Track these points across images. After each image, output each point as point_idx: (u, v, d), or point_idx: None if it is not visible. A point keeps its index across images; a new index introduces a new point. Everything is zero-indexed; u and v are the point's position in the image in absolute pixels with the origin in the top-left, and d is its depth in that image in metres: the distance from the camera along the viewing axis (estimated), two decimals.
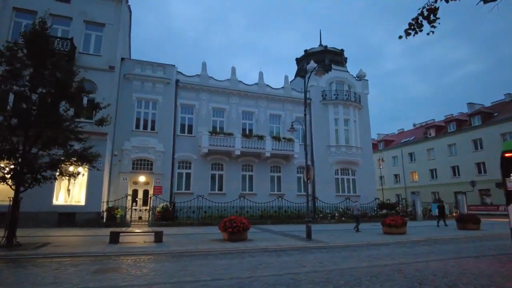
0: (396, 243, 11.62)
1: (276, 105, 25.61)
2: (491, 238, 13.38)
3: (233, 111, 24.15)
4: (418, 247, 10.53)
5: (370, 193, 25.87)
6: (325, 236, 13.42)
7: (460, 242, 11.93)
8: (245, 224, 11.68)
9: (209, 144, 21.83)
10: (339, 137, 26.42)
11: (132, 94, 21.69)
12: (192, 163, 22.44)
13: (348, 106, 26.97)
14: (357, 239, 12.40)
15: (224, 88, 24.04)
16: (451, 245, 10.99)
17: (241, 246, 10.37)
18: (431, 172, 42.40)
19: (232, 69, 24.97)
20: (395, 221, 14.27)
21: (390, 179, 48.97)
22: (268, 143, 23.27)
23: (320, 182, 25.29)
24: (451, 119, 41.16)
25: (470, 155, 37.09)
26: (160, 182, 21.26)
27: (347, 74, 28.36)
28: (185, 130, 22.88)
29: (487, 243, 11.48)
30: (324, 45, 29.75)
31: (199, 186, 22.13)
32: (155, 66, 22.83)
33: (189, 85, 23.16)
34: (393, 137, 53.34)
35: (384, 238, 13.04)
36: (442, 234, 14.53)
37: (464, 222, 16.73)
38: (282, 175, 24.73)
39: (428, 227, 18.82)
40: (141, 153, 21.17)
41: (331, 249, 10.04)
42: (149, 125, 21.89)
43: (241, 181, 23.43)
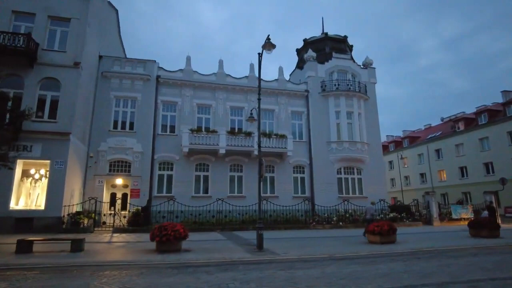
0: (373, 255, 9.10)
1: (269, 99, 23.41)
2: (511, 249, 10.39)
3: (220, 107, 22.31)
4: (398, 262, 7.98)
5: (379, 194, 22.75)
6: (288, 246, 11.12)
7: (464, 255, 9.12)
8: (177, 232, 9.70)
9: (190, 142, 20.12)
10: (341, 132, 23.65)
11: (110, 92, 20.58)
12: (174, 164, 20.84)
13: (351, 97, 24.14)
14: (328, 251, 9.98)
15: (209, 83, 22.31)
16: (449, 260, 8.28)
17: (166, 259, 8.44)
18: (460, 170, 37.84)
19: (219, 62, 23.21)
20: (380, 227, 11.61)
21: (416, 178, 44.64)
22: (256, 140, 21.10)
23: (319, 183, 22.71)
24: (482, 110, 36.48)
25: (506, 149, 32.42)
26: (138, 184, 19.87)
27: (350, 62, 25.54)
28: (167, 129, 21.38)
29: (506, 257, 8.63)
30: (325, 32, 27.12)
31: (182, 188, 20.47)
32: (135, 62, 21.63)
33: (171, 81, 21.68)
34: (419, 133, 48.79)
35: (364, 248, 10.50)
36: (444, 243, 11.64)
37: (477, 228, 13.58)
38: (276, 175, 22.45)
39: (439, 233, 15.76)
40: (118, 154, 19.92)
41: (279, 264, 7.82)
42: (128, 125, 20.63)
43: (229, 182, 21.48)
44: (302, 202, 19.57)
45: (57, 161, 15.94)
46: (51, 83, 16.83)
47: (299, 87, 24.31)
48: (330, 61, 24.97)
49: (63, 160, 16.03)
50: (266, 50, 10.63)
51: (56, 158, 15.94)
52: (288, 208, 19.47)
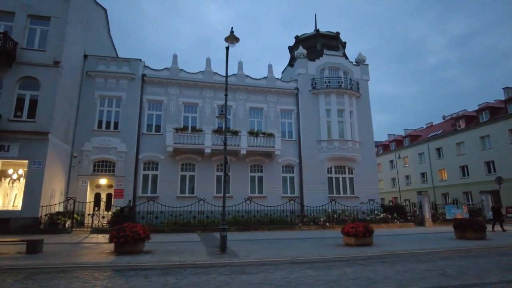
0: (339, 259, 8.60)
1: (257, 97, 23.00)
2: (494, 252, 9.79)
3: (206, 106, 21.95)
4: (357, 267, 7.49)
5: (371, 194, 22.15)
6: (256, 249, 10.69)
7: (435, 259, 8.58)
8: (136, 234, 9.34)
9: (175, 142, 19.81)
10: (331, 130, 23.09)
11: (94, 92, 20.39)
12: (160, 164, 20.55)
13: (342, 95, 23.56)
14: (294, 254, 9.53)
15: (196, 81, 21.96)
16: (415, 264, 7.76)
17: (117, 261, 8.08)
18: (461, 169, 36.83)
19: (206, 61, 22.86)
20: (355, 229, 11.09)
21: (417, 178, 43.68)
22: (243, 139, 20.73)
23: (309, 182, 22.20)
24: (484, 108, 35.44)
25: (507, 148, 31.41)
26: (122, 185, 19.63)
27: (342, 59, 24.94)
28: (152, 128, 21.11)
29: (476, 261, 8.08)
30: (317, 29, 26.56)
31: (167, 188, 20.19)
32: (120, 61, 21.44)
33: (156, 79, 21.41)
34: (421, 132, 47.78)
35: (335, 251, 10.00)
36: (423, 245, 11.07)
37: (462, 230, 12.95)
38: (264, 175, 22.00)
39: (426, 235, 15.16)
40: (102, 154, 19.71)
41: (230, 268, 7.39)
42: (112, 124, 20.42)
43: (215, 182, 21.11)
44: (288, 202, 19.04)
45: (35, 161, 15.75)
46: (30, 82, 16.66)
47: (289, 85, 23.83)
48: (321, 58, 24.42)
49: (41, 160, 15.83)
50: (229, 42, 10.21)
51: (34, 158, 15.77)
52: (274, 208, 19.01)
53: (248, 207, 18.33)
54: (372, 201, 19.94)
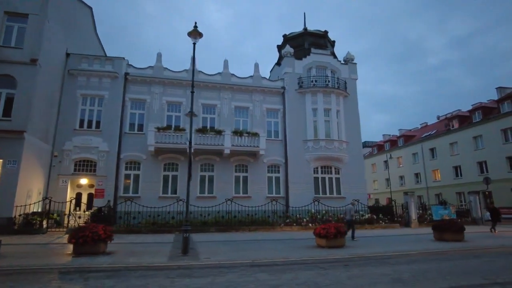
0: (302, 262, 8.33)
1: (243, 96, 22.70)
2: (470, 254, 9.51)
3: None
4: (314, 271, 7.20)
5: (358, 195, 21.81)
6: (223, 251, 10.40)
7: (402, 262, 8.30)
8: (96, 234, 9.06)
9: (156, 141, 19.51)
10: (318, 130, 22.78)
11: (76, 90, 20.13)
12: (142, 163, 20.27)
13: (329, 94, 23.25)
14: (258, 256, 9.24)
15: (180, 80, 21.68)
16: (376, 268, 7.47)
17: (71, 263, 7.79)
18: (454, 170, 36.50)
19: (191, 59, 22.53)
20: (326, 230, 10.79)
21: (411, 178, 43.36)
22: (227, 138, 20.43)
23: (294, 182, 21.88)
24: (477, 107, 35.11)
25: (500, 148, 31.08)
26: (103, 184, 19.35)
27: (329, 58, 24.63)
28: (135, 128, 20.82)
29: (439, 265, 7.78)
30: (304, 28, 26.26)
31: (149, 189, 19.90)
32: (103, 60, 21.18)
33: (139, 78, 21.13)
34: (415, 132, 47.45)
35: (303, 253, 9.71)
36: (398, 248, 10.77)
37: (440, 231, 12.65)
38: (249, 175, 21.69)
39: (406, 236, 14.88)
40: (83, 154, 19.44)
41: (181, 271, 7.10)
42: (94, 123, 20.15)
43: (199, 182, 20.79)
44: (270, 203, 18.75)
45: (9, 160, 15.48)
46: (7, 80, 16.38)
47: (275, 84, 23.53)
48: (308, 56, 24.11)
49: (16, 160, 15.55)
50: (192, 38, 9.93)
51: (9, 157, 15.48)
52: (257, 208, 18.73)
53: (229, 208, 18.06)
54: (357, 201, 19.58)
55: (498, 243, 11.99)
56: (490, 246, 11.35)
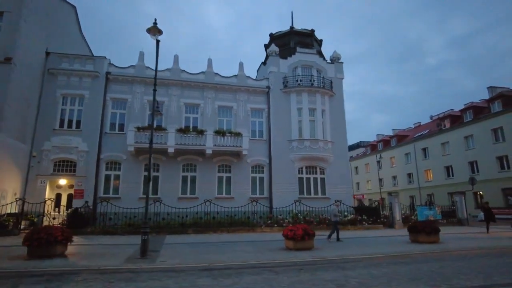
0: (260, 265, 8.05)
1: (226, 96, 22.45)
2: (436, 257, 9.25)
3: (173, 104, 21.42)
4: (262, 275, 6.94)
5: (343, 195, 21.59)
6: (187, 253, 10.15)
7: (360, 266, 8.07)
8: (51, 236, 8.81)
9: (136, 141, 19.28)
10: (303, 129, 22.52)
11: (56, 90, 19.90)
12: (122, 163, 20.03)
13: (314, 93, 23.00)
14: (218, 259, 9.00)
15: (162, 79, 21.39)
16: (327, 273, 7.23)
17: (17, 267, 7.54)
18: (446, 170, 36.26)
19: (174, 57, 22.31)
20: (294, 232, 10.54)
21: (404, 179, 43.12)
22: (209, 138, 20.18)
23: (279, 183, 21.63)
24: (468, 107, 34.85)
25: (490, 148, 30.84)
26: (83, 185, 19.11)
27: (315, 57, 24.36)
28: (116, 127, 20.59)
29: (413, 267, 7.54)
30: (291, 26, 25.99)
31: (129, 189, 19.66)
32: (83, 59, 20.93)
33: (121, 77, 20.89)
34: (408, 132, 47.20)
35: (269, 256, 9.46)
36: (367, 251, 10.53)
37: (415, 233, 12.40)
38: (233, 176, 21.44)
39: (384, 238, 14.63)
40: (63, 154, 19.21)
41: (133, 275, 6.85)
42: (74, 123, 19.93)
43: (181, 183, 20.56)
44: (250, 203, 18.50)
45: None
46: None
47: (260, 83, 23.28)
48: (293, 56, 23.86)
49: None
50: (151, 34, 9.67)
51: None
52: (236, 210, 18.49)
53: (208, 209, 17.80)
54: (339, 202, 19.31)
55: (473, 245, 11.73)
56: (465, 248, 11.10)
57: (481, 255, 9.50)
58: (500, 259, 8.76)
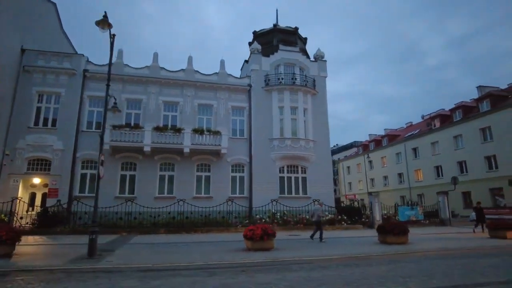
0: (206, 267, 7.78)
1: (207, 94, 22.15)
2: (392, 259, 8.97)
3: (151, 102, 21.10)
4: (198, 277, 6.66)
5: (325, 194, 21.29)
6: (145, 253, 9.86)
7: (323, 267, 7.82)
8: None
9: (112, 139, 18.97)
10: (284, 128, 22.22)
11: (32, 88, 19.58)
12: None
13: (296, 92, 22.69)
14: (170, 259, 8.71)
15: (140, 77, 21.12)
16: (281, 274, 6.95)
17: None
18: (436, 170, 35.96)
19: (154, 55, 22.01)
20: (252, 232, 10.24)
21: (394, 178, 42.82)
22: (187, 137, 19.87)
23: (259, 182, 21.32)
24: (458, 107, 34.53)
25: (478, 148, 30.54)
26: (57, 184, 18.81)
27: (298, 55, 24.05)
28: (93, 126, 20.27)
29: (368, 269, 7.27)
30: (274, 24, 25.69)
31: (106, 188, 19.19)
32: (61, 56, 20.59)
33: (98, 75, 20.55)
34: (400, 131, 46.89)
35: (223, 256, 9.16)
36: (328, 252, 10.24)
37: (384, 234, 12.09)
38: (212, 175, 21.13)
39: (356, 239, 14.34)
40: (37, 152, 18.90)
41: (65, 275, 6.55)
42: (50, 121, 19.62)
43: (158, 182, 20.25)
44: (226, 203, 18.19)
45: None
46: None
47: (241, 81, 22.98)
48: (275, 53, 23.56)
49: None
50: (100, 27, 9.37)
51: None
52: (215, 209, 18.18)
53: (182, 208, 17.50)
54: (318, 201, 19.01)
55: (442, 246, 11.43)
56: (432, 249, 10.79)
57: (443, 257, 9.19)
58: (459, 261, 8.45)
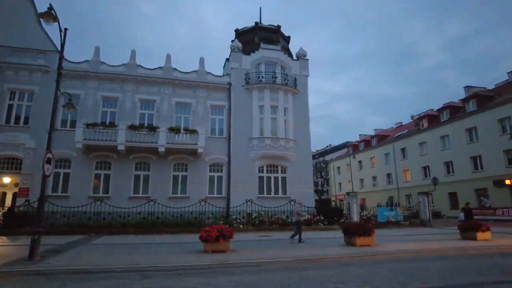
0: (161, 268, 7.47)
1: (185, 92, 21.82)
2: (351, 262, 8.67)
3: (128, 100, 20.75)
4: (131, 280, 6.34)
5: (304, 194, 20.98)
6: (96, 253, 9.52)
7: (261, 270, 7.52)
8: None
9: (85, 138, 18.61)
10: (264, 127, 21.91)
11: (4, 85, 19.22)
12: (72, 161, 19.36)
13: (276, 90, 22.39)
14: (113, 261, 8.37)
15: (117, 74, 20.77)
16: (213, 278, 6.65)
17: None
18: (423, 170, 35.75)
19: (131, 52, 21.66)
20: (208, 233, 9.92)
21: (383, 179, 42.60)
22: (162, 135, 19.53)
23: (238, 182, 21.01)
24: (445, 107, 34.34)
25: (465, 148, 30.34)
26: (28, 183, 18.43)
27: (280, 54, 23.74)
28: (67, 124, 19.91)
29: (304, 273, 6.98)
30: (256, 22, 25.39)
31: (79, 188, 18.99)
32: (35, 53, 20.22)
33: (74, 72, 20.21)
34: (390, 131, 46.71)
35: (173, 258, 8.83)
36: (287, 253, 9.95)
37: (350, 235, 11.79)
38: (189, 174, 20.80)
39: (322, 240, 14.03)
40: (8, 151, 18.54)
41: None
42: (22, 119, 19.26)
43: (133, 182, 19.90)
44: (199, 203, 17.84)
45: None
46: None
47: (221, 80, 22.65)
48: (256, 52, 23.24)
49: None
50: (45, 20, 9.03)
51: None
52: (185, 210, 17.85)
53: (155, 208, 17.17)
54: (294, 201, 18.73)
55: (406, 248, 11.12)
56: (394, 251, 10.47)
57: (398, 260, 8.89)
58: (407, 264, 8.09)
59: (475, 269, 7.37)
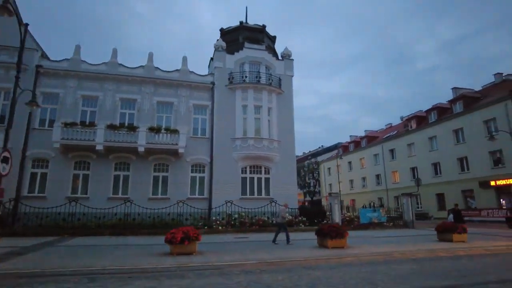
0: (94, 272, 7.19)
1: (167, 91, 21.55)
2: (317, 264, 8.49)
3: (108, 99, 20.44)
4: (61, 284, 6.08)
5: (288, 195, 20.76)
6: (52, 257, 9.22)
7: (221, 273, 7.29)
8: None
9: (62, 137, 18.28)
10: (247, 127, 21.70)
11: None
12: (50, 161, 19.00)
13: (260, 90, 22.19)
14: (72, 263, 8.09)
15: (97, 73, 20.45)
16: (157, 282, 6.40)
17: None
18: (412, 171, 35.72)
19: (113, 51, 21.36)
20: (173, 235, 9.67)
21: (372, 180, 42.56)
22: (141, 135, 19.24)
23: (220, 182, 20.77)
24: (433, 108, 34.36)
25: (452, 149, 30.34)
26: (2, 183, 17.99)
27: (264, 53, 23.56)
28: (46, 123, 19.56)
29: (263, 276, 6.74)
30: (241, 21, 25.18)
31: (57, 188, 18.63)
32: (11, 50, 19.79)
33: (53, 71, 19.87)
34: (380, 133, 46.70)
35: (132, 261, 8.57)
36: (254, 256, 9.73)
37: (322, 237, 11.60)
38: (170, 175, 20.52)
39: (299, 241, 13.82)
40: None
41: None
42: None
43: (112, 182, 19.58)
44: (177, 204, 17.57)
45: None
46: None
47: (204, 79, 22.41)
48: (240, 51, 23.04)
49: None
50: None
51: None
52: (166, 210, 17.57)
53: (133, 209, 16.88)
54: (275, 202, 18.55)
55: (375, 251, 10.91)
56: (365, 254, 10.27)
57: (364, 263, 8.71)
58: (370, 268, 7.92)
59: (435, 272, 7.20)
